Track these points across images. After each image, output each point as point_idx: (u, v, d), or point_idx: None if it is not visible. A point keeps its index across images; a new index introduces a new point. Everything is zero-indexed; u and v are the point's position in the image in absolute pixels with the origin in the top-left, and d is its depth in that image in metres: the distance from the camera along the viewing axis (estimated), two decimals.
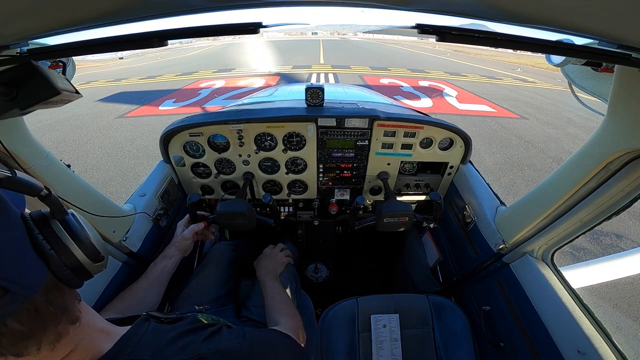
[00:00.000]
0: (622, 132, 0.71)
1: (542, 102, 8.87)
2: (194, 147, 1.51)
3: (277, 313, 1.05)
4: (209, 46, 36.89)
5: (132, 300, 0.99)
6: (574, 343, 0.84)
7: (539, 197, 1.01)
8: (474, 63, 19.21)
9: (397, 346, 1.20)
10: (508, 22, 0.49)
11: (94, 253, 0.49)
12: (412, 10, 0.51)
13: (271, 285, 1.20)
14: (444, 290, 1.63)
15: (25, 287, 0.38)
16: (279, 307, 1.08)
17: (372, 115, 1.38)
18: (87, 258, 0.48)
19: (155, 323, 0.62)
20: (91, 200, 0.98)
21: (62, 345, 0.44)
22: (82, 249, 0.47)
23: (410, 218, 1.35)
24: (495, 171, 4.52)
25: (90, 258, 0.48)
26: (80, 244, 0.47)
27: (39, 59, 0.57)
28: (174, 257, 1.16)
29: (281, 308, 1.08)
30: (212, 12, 0.53)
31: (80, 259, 0.47)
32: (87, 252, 0.48)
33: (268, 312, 1.09)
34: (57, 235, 0.45)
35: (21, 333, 0.38)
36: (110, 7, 0.45)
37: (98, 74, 14.62)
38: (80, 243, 0.47)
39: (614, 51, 0.53)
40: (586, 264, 1.83)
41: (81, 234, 0.48)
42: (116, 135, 5.85)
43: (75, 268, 0.46)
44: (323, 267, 2.15)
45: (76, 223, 0.48)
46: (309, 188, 1.68)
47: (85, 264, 0.47)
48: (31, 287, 0.39)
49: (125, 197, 1.32)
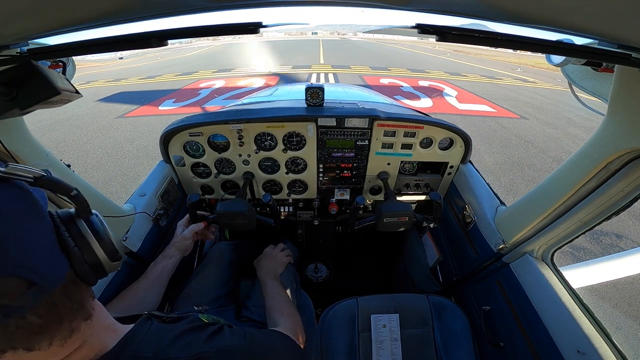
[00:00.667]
0: (622, 132, 0.71)
1: (542, 102, 8.87)
2: (194, 147, 1.51)
3: (277, 313, 1.05)
4: (209, 46, 36.89)
5: (132, 300, 0.99)
6: (574, 343, 0.84)
7: (539, 197, 1.01)
8: (474, 63, 19.20)
9: (397, 346, 1.20)
10: (508, 22, 0.49)
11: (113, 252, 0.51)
12: (412, 10, 0.51)
13: (271, 285, 1.19)
14: (444, 290, 1.63)
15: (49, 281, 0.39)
16: (279, 307, 1.08)
17: (372, 115, 1.38)
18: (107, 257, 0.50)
19: (157, 322, 0.62)
20: (91, 200, 0.97)
21: (72, 341, 0.45)
22: (103, 248, 0.49)
23: (410, 218, 1.35)
24: (495, 171, 4.52)
25: (109, 257, 0.50)
26: (102, 243, 0.49)
27: (39, 59, 0.57)
28: (174, 257, 1.16)
29: (281, 308, 1.07)
30: (212, 12, 0.53)
31: (100, 257, 0.48)
32: (108, 250, 0.50)
33: (268, 312, 1.09)
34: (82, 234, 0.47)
35: (38, 327, 0.38)
36: (110, 7, 0.45)
37: (98, 74, 14.61)
38: (102, 242, 0.49)
39: (614, 51, 0.53)
40: (586, 264, 1.82)
41: (103, 234, 0.50)
42: (116, 135, 5.85)
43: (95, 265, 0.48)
44: (323, 267, 2.15)
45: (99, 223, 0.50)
46: (309, 188, 1.68)
47: (104, 262, 0.49)
48: (54, 281, 0.40)
49: (125, 197, 1.32)
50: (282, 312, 1.05)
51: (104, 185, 4.01)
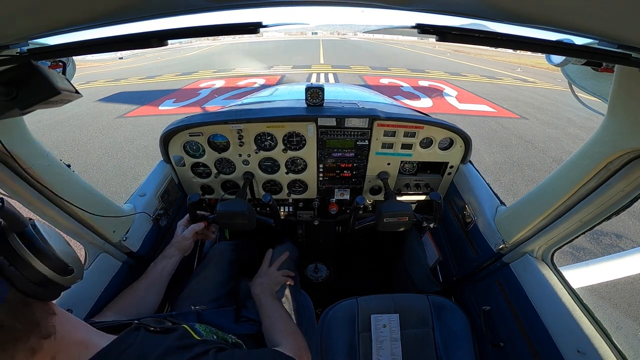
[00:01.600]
0: (622, 132, 0.71)
1: (542, 102, 8.87)
2: (194, 147, 1.51)
3: (277, 334, 0.98)
4: (209, 46, 36.88)
5: (132, 300, 0.99)
6: (574, 343, 0.84)
7: (539, 197, 1.01)
8: (474, 63, 19.20)
9: (397, 346, 1.20)
10: (508, 22, 0.49)
11: (60, 266, 0.46)
12: (412, 10, 0.51)
13: (267, 304, 1.13)
14: (444, 290, 1.63)
15: None
16: (278, 327, 1.02)
17: (372, 115, 1.38)
18: (54, 272, 0.45)
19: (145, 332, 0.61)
20: (91, 200, 0.98)
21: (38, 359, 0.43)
22: (47, 263, 0.44)
23: (410, 218, 1.35)
24: (495, 171, 4.52)
25: (57, 272, 0.46)
26: (44, 258, 0.44)
27: (39, 59, 0.57)
28: (174, 256, 1.16)
29: (280, 328, 1.01)
30: (212, 12, 0.53)
31: (46, 273, 0.44)
32: (53, 265, 0.45)
33: (267, 333, 1.02)
34: (15, 251, 0.42)
35: None
36: (110, 7, 0.45)
37: (98, 74, 14.61)
38: (44, 257, 0.44)
39: (614, 51, 0.53)
40: (586, 264, 1.83)
41: (43, 247, 0.45)
42: (116, 135, 5.85)
43: (42, 283, 0.44)
44: (323, 267, 2.15)
45: (37, 235, 0.45)
46: (309, 188, 1.68)
47: (53, 278, 0.45)
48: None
49: (125, 197, 1.32)
50: (283, 332, 0.99)
51: (104, 185, 4.01)
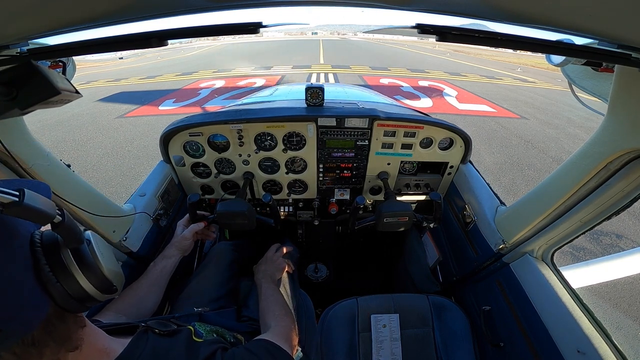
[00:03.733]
0: (622, 132, 0.71)
1: (542, 102, 8.86)
2: (194, 147, 1.51)
3: (269, 315, 1.04)
4: (209, 46, 36.88)
5: (132, 300, 0.99)
6: (574, 343, 0.84)
7: (539, 197, 1.01)
8: (474, 63, 19.19)
9: (397, 346, 1.20)
10: (508, 22, 0.49)
11: (105, 285, 0.46)
12: (412, 10, 0.51)
13: (266, 288, 1.18)
14: (444, 290, 1.63)
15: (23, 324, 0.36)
16: (271, 308, 1.07)
17: (372, 115, 1.38)
18: (97, 290, 0.45)
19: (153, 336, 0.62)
20: (91, 200, 0.98)
21: None
22: (93, 282, 0.45)
23: (410, 218, 1.35)
24: (495, 171, 4.52)
25: (100, 290, 0.46)
26: (91, 276, 0.44)
27: (39, 59, 0.57)
28: (174, 256, 1.16)
29: (273, 310, 1.06)
30: (212, 12, 0.53)
31: (89, 291, 0.44)
32: (99, 284, 0.45)
33: (261, 315, 1.07)
34: (66, 267, 0.42)
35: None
36: (110, 7, 0.45)
37: (98, 74, 14.61)
38: (92, 275, 0.44)
39: (614, 51, 0.53)
40: (586, 264, 1.83)
41: (93, 265, 0.45)
42: (116, 135, 5.85)
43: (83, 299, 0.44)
44: (323, 266, 2.15)
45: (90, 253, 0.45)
46: (309, 188, 1.68)
47: (95, 295, 0.45)
48: (30, 323, 0.37)
49: (125, 197, 1.32)
50: (274, 314, 1.04)
51: (104, 186, 4.01)
